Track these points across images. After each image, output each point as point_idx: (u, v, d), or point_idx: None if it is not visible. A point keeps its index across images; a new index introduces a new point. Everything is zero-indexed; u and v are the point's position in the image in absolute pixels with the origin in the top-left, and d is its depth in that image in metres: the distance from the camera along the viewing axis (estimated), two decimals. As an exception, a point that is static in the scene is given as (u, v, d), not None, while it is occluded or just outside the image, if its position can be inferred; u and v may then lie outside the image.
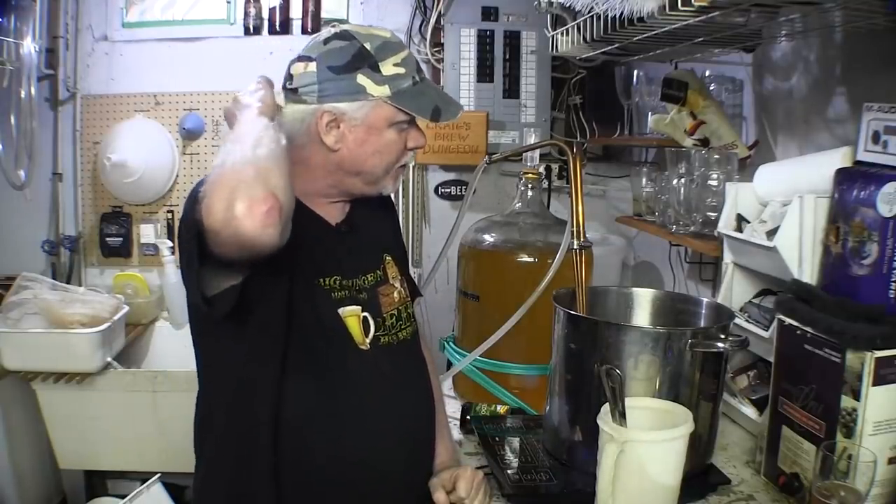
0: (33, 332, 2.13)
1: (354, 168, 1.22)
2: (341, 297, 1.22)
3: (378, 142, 1.21)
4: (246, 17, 2.67)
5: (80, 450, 2.27)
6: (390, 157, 1.23)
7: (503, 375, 1.71)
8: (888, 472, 1.12)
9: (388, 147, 1.22)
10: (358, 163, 1.22)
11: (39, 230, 2.71)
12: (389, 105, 1.19)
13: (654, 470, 1.09)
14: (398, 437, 1.25)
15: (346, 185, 1.25)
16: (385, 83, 1.18)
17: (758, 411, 1.52)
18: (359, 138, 1.20)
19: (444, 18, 2.57)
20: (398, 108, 1.19)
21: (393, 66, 1.19)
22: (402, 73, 1.19)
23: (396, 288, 1.32)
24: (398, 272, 1.34)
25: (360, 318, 1.22)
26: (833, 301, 1.20)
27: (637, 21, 1.37)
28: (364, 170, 1.23)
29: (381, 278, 1.30)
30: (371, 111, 1.19)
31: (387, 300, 1.28)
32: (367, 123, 1.19)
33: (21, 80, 2.45)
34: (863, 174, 1.25)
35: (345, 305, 1.21)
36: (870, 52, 1.42)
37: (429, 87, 1.25)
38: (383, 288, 1.29)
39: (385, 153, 1.22)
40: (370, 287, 1.27)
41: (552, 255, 1.57)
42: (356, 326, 1.22)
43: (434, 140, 2.51)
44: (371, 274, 1.28)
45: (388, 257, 1.34)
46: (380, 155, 1.22)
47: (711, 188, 1.74)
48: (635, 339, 1.26)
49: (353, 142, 1.20)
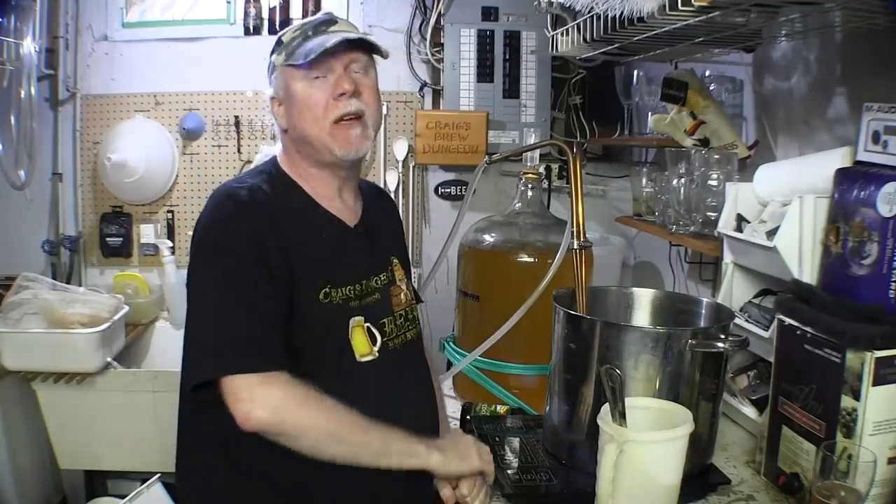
0: (33, 332, 2.13)
1: (299, 136, 1.27)
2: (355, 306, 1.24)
3: (296, 101, 1.24)
4: (246, 17, 2.67)
5: (80, 450, 2.27)
6: (314, 112, 1.23)
7: (503, 375, 1.71)
8: (888, 472, 1.12)
9: (306, 102, 1.23)
10: (295, 129, 1.27)
11: (39, 230, 2.71)
12: (285, 66, 1.25)
13: (654, 470, 1.09)
14: None
15: (312, 158, 1.28)
16: (283, 51, 1.26)
17: (758, 411, 1.52)
18: (287, 109, 1.27)
19: (444, 18, 2.57)
20: (289, 65, 1.24)
21: (291, 33, 1.27)
22: (295, 36, 1.26)
23: (403, 290, 1.35)
24: (403, 275, 1.38)
25: (364, 328, 1.24)
26: (833, 301, 1.20)
27: (637, 21, 1.37)
28: (301, 133, 1.26)
29: (390, 279, 1.33)
30: (280, 79, 1.27)
31: (396, 300, 1.32)
32: (285, 91, 1.26)
33: (21, 80, 2.45)
34: (863, 174, 1.25)
35: (355, 316, 1.23)
36: (870, 52, 1.42)
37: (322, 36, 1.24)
38: (393, 288, 1.33)
39: (305, 110, 1.24)
40: (383, 287, 1.31)
41: (552, 255, 1.57)
42: (362, 337, 1.23)
43: (434, 140, 2.52)
44: (383, 274, 1.32)
45: (395, 259, 1.37)
46: (302, 114, 1.24)
47: (711, 188, 1.74)
48: (635, 339, 1.25)
49: (287, 114, 1.27)
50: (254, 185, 1.23)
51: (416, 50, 2.68)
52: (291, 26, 1.29)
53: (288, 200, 1.25)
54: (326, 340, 1.20)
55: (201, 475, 1.25)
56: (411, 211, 2.75)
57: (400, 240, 1.48)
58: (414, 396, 1.32)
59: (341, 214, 1.30)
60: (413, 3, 2.67)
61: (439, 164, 2.73)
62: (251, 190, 1.21)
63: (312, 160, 1.28)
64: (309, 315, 1.18)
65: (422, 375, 1.38)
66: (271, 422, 1.08)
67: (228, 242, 1.16)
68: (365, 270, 1.28)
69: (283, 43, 1.27)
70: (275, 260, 1.16)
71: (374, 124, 1.29)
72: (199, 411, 1.19)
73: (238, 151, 2.74)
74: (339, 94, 1.23)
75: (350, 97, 1.23)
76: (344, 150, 1.25)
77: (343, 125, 1.24)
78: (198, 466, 1.25)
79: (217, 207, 1.20)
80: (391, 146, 2.70)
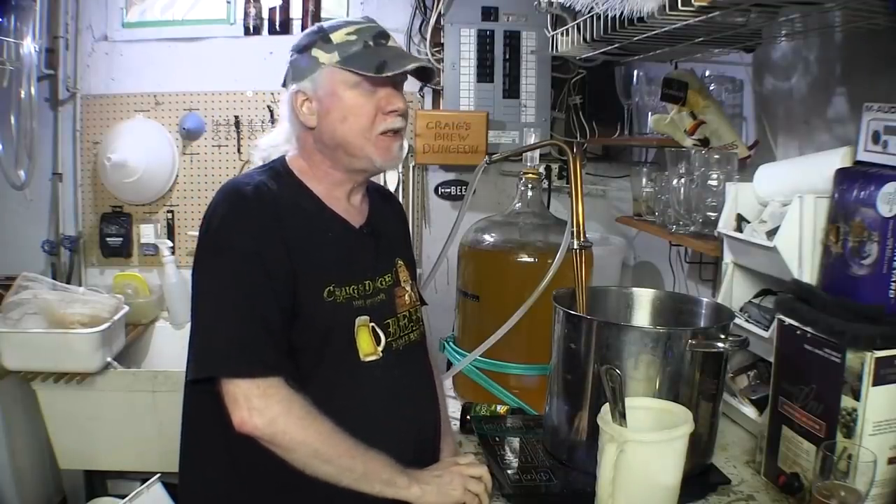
0: (33, 332, 2.13)
1: (333, 140, 1.25)
2: (360, 305, 1.24)
3: (341, 107, 1.23)
4: (246, 17, 2.67)
5: (80, 450, 2.27)
6: (361, 121, 1.23)
7: (503, 375, 1.71)
8: (888, 472, 1.12)
9: (354, 111, 1.23)
10: (332, 133, 1.25)
11: (39, 230, 2.71)
12: (340, 69, 1.22)
13: (654, 470, 1.09)
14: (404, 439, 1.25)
15: (341, 163, 1.27)
16: (334, 50, 1.23)
17: (758, 411, 1.52)
18: (324, 108, 1.24)
19: (444, 18, 2.57)
20: (348, 70, 1.21)
21: (345, 34, 1.24)
22: (352, 39, 1.23)
23: (407, 291, 1.36)
24: (408, 276, 1.38)
25: (369, 328, 1.24)
26: (833, 301, 1.20)
27: (637, 21, 1.37)
28: (340, 139, 1.25)
29: (395, 281, 1.34)
30: (326, 79, 1.23)
31: (400, 301, 1.33)
32: (327, 91, 1.23)
33: (21, 80, 2.45)
34: (863, 174, 1.25)
35: (360, 315, 1.24)
36: (870, 52, 1.42)
37: (383, 49, 1.24)
38: (397, 290, 1.33)
39: (352, 117, 1.23)
40: (388, 288, 1.31)
41: (552, 255, 1.57)
42: (367, 337, 1.24)
43: (434, 140, 2.52)
44: (388, 275, 1.33)
45: (400, 261, 1.38)
46: (347, 121, 1.23)
47: (711, 188, 1.74)
48: (635, 339, 1.25)
49: (321, 113, 1.25)
50: (260, 181, 1.23)
51: (416, 50, 2.68)
52: (336, 24, 1.26)
53: (294, 199, 1.25)
54: (331, 338, 1.20)
55: (204, 473, 1.25)
56: (411, 211, 2.74)
57: (406, 242, 1.48)
58: (416, 397, 1.32)
59: (348, 215, 1.30)
60: (413, 3, 2.67)
61: (439, 164, 2.73)
62: (257, 187, 1.21)
63: (335, 163, 1.27)
64: (313, 313, 1.18)
65: (425, 377, 1.38)
66: (266, 432, 1.11)
67: (232, 240, 1.17)
68: (370, 271, 1.28)
69: (331, 41, 1.23)
70: (277, 258, 1.16)
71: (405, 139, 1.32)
72: (203, 408, 1.20)
73: (238, 151, 2.74)
74: (390, 111, 1.24)
75: (399, 114, 1.26)
76: (385, 161, 1.27)
77: (387, 138, 1.26)
78: (201, 464, 1.25)
79: (222, 204, 1.20)
80: (391, 146, 2.69)
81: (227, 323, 1.14)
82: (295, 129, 1.29)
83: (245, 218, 1.18)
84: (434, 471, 1.24)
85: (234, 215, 1.19)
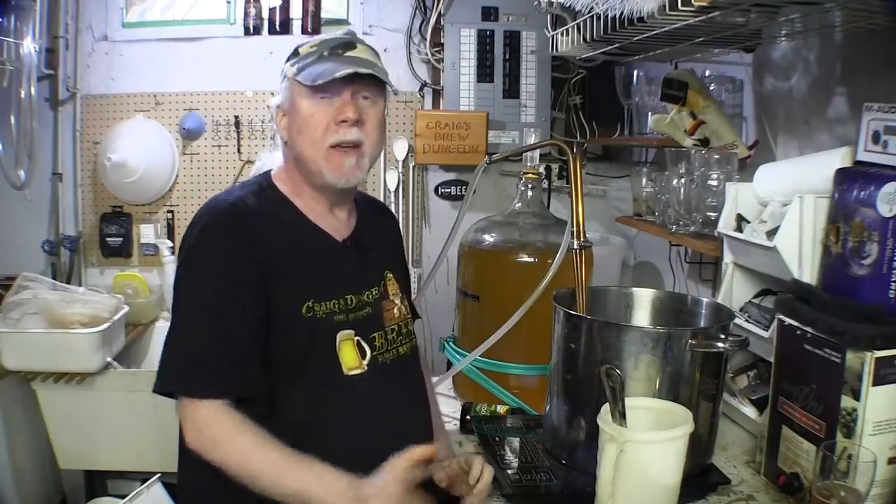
0: (33, 332, 2.13)
1: (296, 153, 1.25)
2: (340, 320, 1.23)
3: (298, 118, 1.22)
4: (246, 17, 2.67)
5: (80, 450, 2.27)
6: (312, 133, 1.21)
7: (503, 375, 1.71)
8: (888, 472, 1.12)
9: (307, 122, 1.21)
10: (294, 146, 1.25)
11: (39, 230, 2.71)
12: (295, 81, 1.22)
13: (654, 470, 1.09)
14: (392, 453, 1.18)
15: (309, 179, 1.26)
16: (296, 63, 1.24)
17: (758, 411, 1.52)
18: (289, 122, 1.25)
19: (444, 18, 2.57)
20: (296, 81, 1.22)
21: (309, 47, 1.25)
22: (312, 51, 1.24)
23: (396, 304, 1.34)
24: (398, 289, 1.36)
25: (354, 341, 1.23)
26: (833, 301, 1.20)
27: (637, 21, 1.37)
28: (298, 152, 1.24)
29: (383, 294, 1.32)
30: (289, 91, 1.25)
31: (388, 314, 1.31)
32: (289, 104, 1.25)
33: (21, 80, 2.45)
34: (863, 174, 1.25)
35: (343, 329, 1.22)
36: (870, 52, 1.42)
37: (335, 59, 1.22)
38: (385, 303, 1.31)
39: (305, 129, 1.22)
40: (375, 301, 1.29)
41: (552, 255, 1.57)
42: (351, 351, 1.22)
43: (434, 140, 2.52)
44: (375, 288, 1.31)
45: (389, 274, 1.36)
46: (301, 133, 1.22)
47: (711, 188, 1.74)
48: (635, 339, 1.25)
49: (287, 127, 1.26)
50: (239, 197, 1.23)
51: (416, 50, 2.68)
52: (312, 39, 1.28)
53: (276, 214, 1.25)
54: (311, 353, 1.19)
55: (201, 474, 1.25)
56: (411, 211, 2.75)
57: (397, 255, 1.47)
58: (406, 411, 1.29)
59: (331, 229, 1.29)
60: (413, 3, 2.67)
61: (439, 164, 2.73)
62: (234, 204, 1.21)
63: (306, 177, 1.27)
64: (291, 328, 1.17)
65: (415, 391, 1.35)
66: (202, 449, 1.13)
67: (203, 257, 1.18)
68: (354, 285, 1.26)
69: (298, 55, 1.25)
70: (248, 275, 1.16)
71: (372, 156, 1.26)
72: None
73: (238, 151, 2.74)
74: (340, 121, 1.21)
75: (352, 125, 1.21)
76: (334, 177, 1.23)
77: (339, 151, 1.22)
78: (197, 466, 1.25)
79: (200, 220, 1.21)
80: (391, 146, 2.69)
81: (189, 340, 1.16)
82: (280, 143, 1.30)
83: (217, 235, 1.19)
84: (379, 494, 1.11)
85: (207, 232, 1.19)
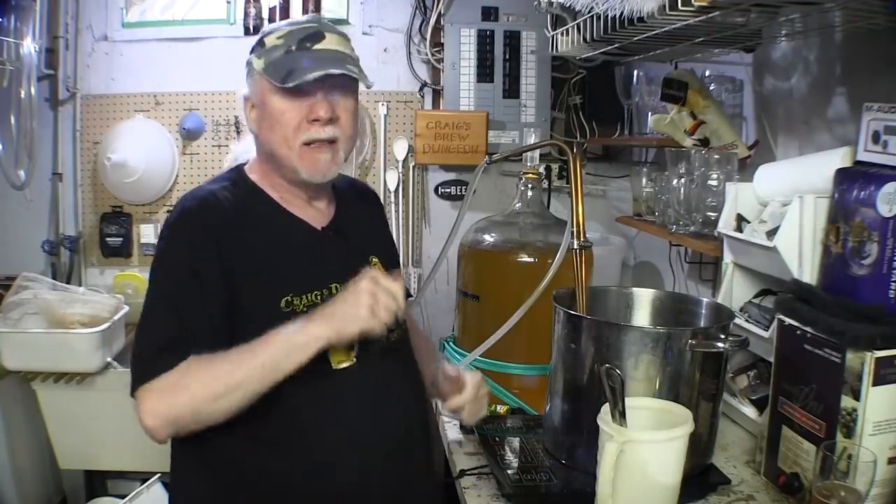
0: (33, 332, 2.13)
1: (267, 148, 1.23)
2: None
3: (268, 115, 1.20)
4: (246, 17, 2.66)
5: (80, 450, 2.27)
6: (284, 130, 1.19)
7: (503, 375, 1.71)
8: (888, 472, 1.12)
9: (278, 119, 1.19)
10: (265, 141, 1.23)
11: (39, 230, 2.71)
12: (263, 76, 1.20)
13: (654, 470, 1.09)
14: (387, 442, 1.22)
15: (282, 173, 1.25)
16: (262, 56, 1.21)
17: (758, 411, 1.52)
18: (259, 116, 1.23)
19: (444, 18, 2.57)
20: (265, 78, 1.20)
21: (275, 38, 1.21)
22: (279, 44, 1.20)
23: None
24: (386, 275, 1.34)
25: None
26: (833, 301, 1.20)
27: (637, 21, 1.37)
28: (270, 148, 1.23)
29: None
30: (257, 86, 1.22)
31: None
32: (258, 99, 1.22)
33: (21, 80, 2.45)
34: (863, 174, 1.25)
35: None
36: (870, 52, 1.42)
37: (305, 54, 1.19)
38: None
39: (276, 126, 1.20)
40: None
41: (552, 255, 1.57)
42: None
43: (434, 140, 2.52)
44: None
45: (374, 259, 1.33)
46: (272, 129, 1.20)
47: (711, 188, 1.74)
48: (635, 339, 1.26)
49: (258, 121, 1.24)
50: (209, 192, 1.22)
51: (416, 50, 2.68)
52: (276, 27, 1.24)
53: (250, 206, 1.23)
54: None
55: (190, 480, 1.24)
56: (411, 211, 2.75)
57: (382, 237, 1.44)
58: (399, 398, 1.27)
59: (309, 218, 1.27)
60: (413, 3, 2.67)
61: (439, 164, 2.73)
62: (203, 198, 1.20)
63: (279, 171, 1.25)
64: (269, 323, 1.13)
65: (408, 377, 1.32)
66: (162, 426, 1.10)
67: (167, 252, 1.18)
68: (336, 273, 1.22)
69: (264, 45, 1.22)
70: (209, 269, 1.14)
71: (347, 149, 1.26)
72: None
73: (238, 151, 2.73)
74: (313, 119, 1.19)
75: (325, 124, 1.20)
76: (310, 173, 1.22)
77: (313, 148, 1.21)
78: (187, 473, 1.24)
79: (172, 216, 1.21)
80: (391, 146, 2.69)
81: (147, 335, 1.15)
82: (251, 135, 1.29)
83: (183, 231, 1.18)
84: (335, 300, 1.15)
85: (173, 228, 1.19)
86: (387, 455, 1.21)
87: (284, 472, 1.15)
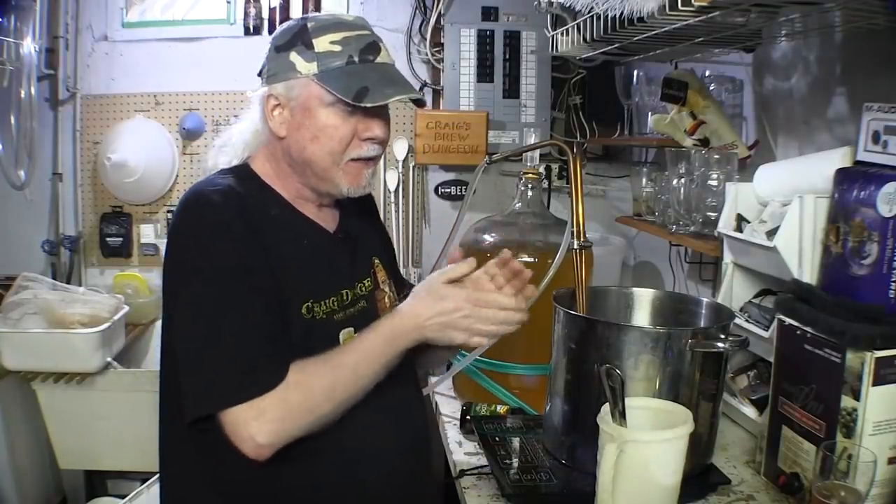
0: (33, 332, 2.13)
1: (300, 157, 1.15)
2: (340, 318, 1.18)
3: (313, 125, 1.13)
4: (246, 17, 2.67)
5: (80, 450, 2.27)
6: (332, 145, 1.13)
7: (503, 375, 1.71)
8: (888, 472, 1.12)
9: (327, 132, 1.13)
10: (300, 150, 1.14)
11: (39, 230, 2.71)
12: (317, 83, 1.12)
13: (654, 470, 1.09)
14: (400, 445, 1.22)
15: (309, 182, 1.18)
16: (314, 60, 1.12)
17: (758, 411, 1.52)
18: (296, 121, 1.14)
19: (444, 18, 2.57)
20: (325, 88, 1.11)
21: (329, 42, 1.12)
22: (336, 50, 1.12)
23: (386, 292, 1.31)
24: (386, 275, 1.33)
25: None
26: (833, 301, 1.20)
27: (637, 21, 1.37)
28: (308, 158, 1.14)
29: (374, 283, 1.28)
30: (302, 91, 1.13)
31: (381, 304, 1.28)
32: (300, 104, 1.13)
33: (21, 80, 2.45)
34: (863, 174, 1.25)
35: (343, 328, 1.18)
36: (870, 53, 1.42)
37: (369, 68, 1.13)
38: (378, 293, 1.29)
39: (324, 139, 1.13)
40: (368, 293, 1.26)
41: (552, 255, 1.57)
42: None
43: (434, 140, 2.51)
44: (367, 279, 1.27)
45: (377, 261, 1.32)
46: (318, 141, 1.13)
47: (711, 188, 1.74)
48: (635, 339, 1.26)
49: (292, 125, 1.15)
50: (227, 185, 1.12)
51: (416, 50, 2.68)
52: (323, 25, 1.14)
53: (264, 205, 1.16)
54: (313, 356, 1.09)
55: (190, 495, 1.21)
56: (411, 211, 2.75)
57: (381, 238, 1.42)
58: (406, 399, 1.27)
59: (321, 220, 1.23)
60: (413, 3, 2.67)
61: (439, 164, 2.73)
62: (225, 192, 1.10)
63: (303, 179, 1.19)
64: (289, 328, 1.09)
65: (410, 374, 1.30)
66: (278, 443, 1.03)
67: (211, 256, 1.06)
68: (348, 279, 1.21)
69: (312, 47, 1.12)
70: (259, 266, 1.07)
71: None
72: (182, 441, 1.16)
73: (238, 151, 2.73)
74: (367, 138, 1.15)
75: (377, 142, 1.16)
76: (353, 188, 1.18)
77: (358, 164, 1.17)
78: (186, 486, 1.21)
79: (190, 215, 1.10)
80: (391, 146, 2.69)
81: (222, 351, 1.03)
82: (263, 132, 1.19)
83: (219, 228, 1.07)
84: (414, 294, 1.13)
85: (206, 227, 1.08)
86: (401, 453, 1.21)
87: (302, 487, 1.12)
